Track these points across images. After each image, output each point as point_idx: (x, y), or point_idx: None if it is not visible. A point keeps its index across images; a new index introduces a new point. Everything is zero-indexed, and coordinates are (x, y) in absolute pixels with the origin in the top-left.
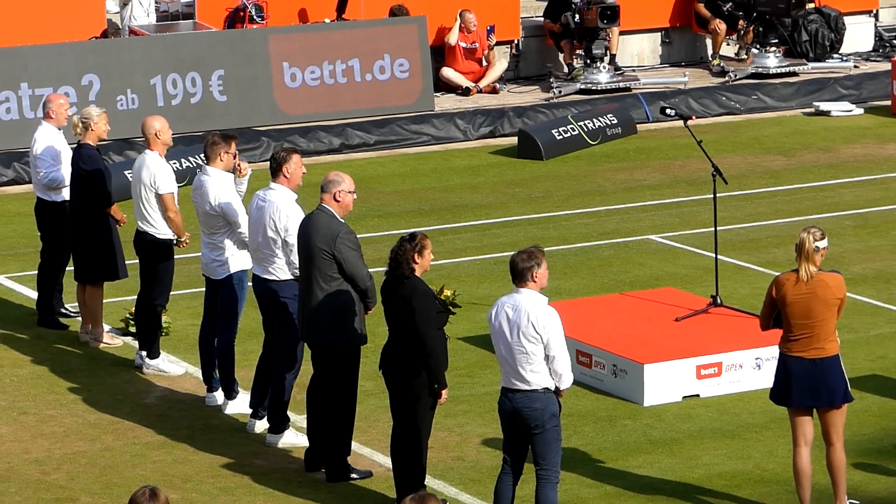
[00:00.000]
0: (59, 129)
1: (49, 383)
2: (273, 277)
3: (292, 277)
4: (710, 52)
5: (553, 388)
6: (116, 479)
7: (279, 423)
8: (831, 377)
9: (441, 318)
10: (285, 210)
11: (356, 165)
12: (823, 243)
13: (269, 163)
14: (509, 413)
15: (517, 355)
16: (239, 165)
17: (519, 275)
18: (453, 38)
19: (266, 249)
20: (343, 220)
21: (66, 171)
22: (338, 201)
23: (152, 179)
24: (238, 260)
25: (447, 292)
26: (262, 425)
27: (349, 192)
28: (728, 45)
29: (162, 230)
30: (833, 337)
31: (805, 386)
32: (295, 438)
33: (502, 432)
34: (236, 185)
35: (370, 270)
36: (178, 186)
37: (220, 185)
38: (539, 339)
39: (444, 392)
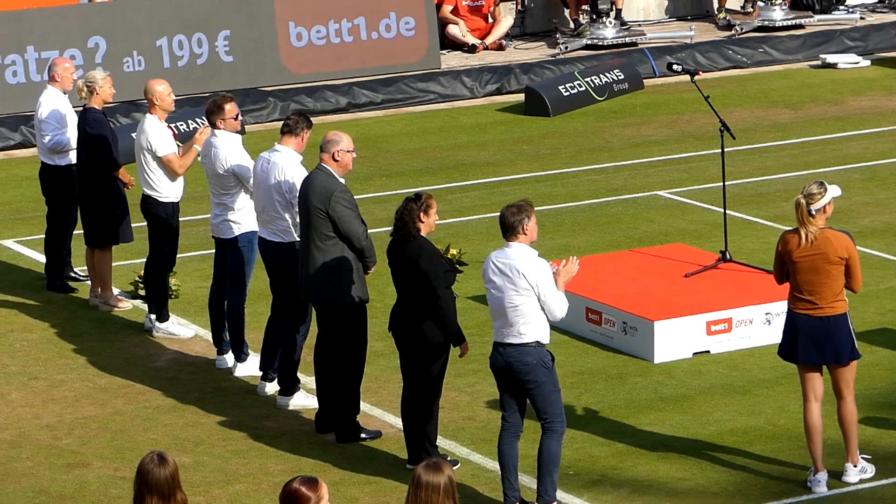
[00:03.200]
0: (65, 93)
1: (59, 348)
2: (279, 239)
3: (298, 239)
4: (715, 5)
5: (545, 342)
6: (128, 443)
7: (289, 385)
8: (837, 335)
9: (449, 276)
10: (290, 172)
11: (363, 124)
12: (822, 202)
13: (283, 121)
14: (501, 368)
15: (508, 309)
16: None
17: (509, 228)
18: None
19: (272, 211)
20: (342, 180)
21: (71, 135)
22: (336, 161)
23: (151, 144)
24: (247, 221)
25: (453, 251)
26: (272, 387)
27: (348, 152)
28: None
29: (165, 193)
30: (841, 296)
31: (811, 343)
32: (305, 400)
33: (497, 388)
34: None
35: (379, 230)
36: None
37: (230, 146)
38: (531, 290)
39: (464, 346)
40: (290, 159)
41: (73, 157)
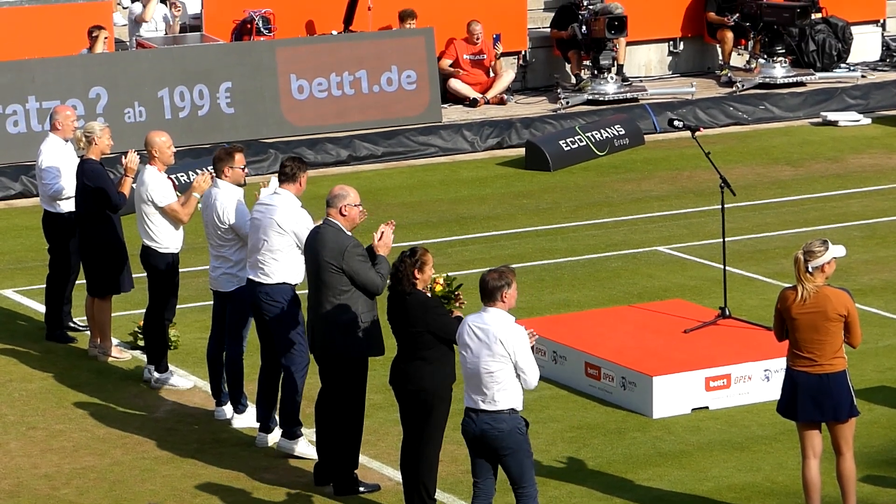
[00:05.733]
0: (66, 141)
1: (58, 398)
2: (269, 281)
3: (288, 282)
4: (719, 60)
5: (519, 409)
6: (126, 494)
7: (292, 428)
8: (837, 392)
9: (457, 321)
10: (292, 213)
11: (364, 177)
12: (820, 260)
13: (279, 169)
14: (475, 434)
15: (483, 375)
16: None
17: (489, 294)
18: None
19: (268, 253)
20: (350, 234)
21: (70, 183)
22: (344, 215)
23: (151, 195)
24: (246, 273)
25: (438, 287)
26: (271, 439)
27: (355, 206)
28: (739, 55)
29: (165, 244)
30: (840, 353)
31: (810, 400)
32: (307, 448)
33: (469, 455)
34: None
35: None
36: None
37: (229, 198)
38: (507, 357)
39: None
40: (291, 202)
41: (72, 204)
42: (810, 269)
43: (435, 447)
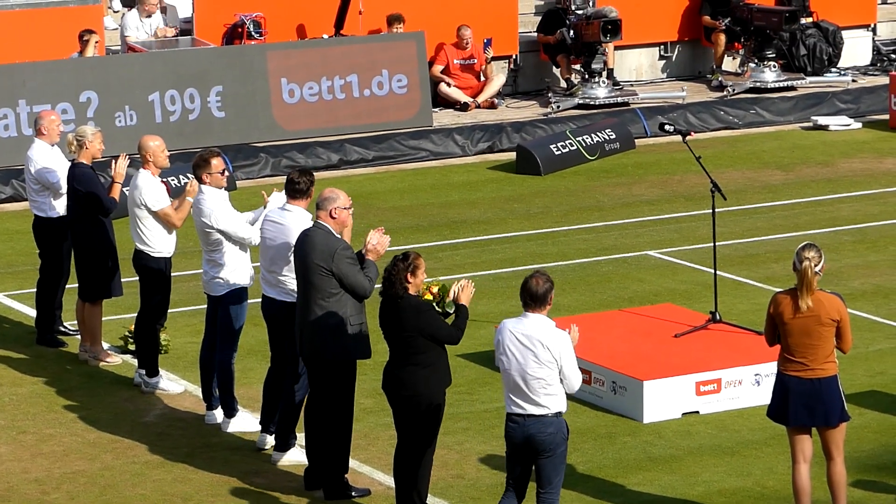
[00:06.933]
0: (53, 146)
1: (48, 402)
2: (289, 299)
3: None
4: (712, 64)
5: (564, 411)
6: (116, 498)
7: (285, 441)
8: (828, 397)
9: (454, 329)
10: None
11: (354, 181)
12: (821, 265)
13: (286, 183)
14: (522, 439)
15: (531, 381)
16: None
17: (539, 299)
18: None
19: (284, 271)
20: (340, 237)
21: (64, 184)
22: (334, 218)
23: (144, 199)
24: (237, 277)
25: (428, 295)
26: (272, 440)
27: (345, 209)
28: (733, 59)
29: (158, 248)
30: (831, 357)
31: (802, 405)
32: (300, 456)
33: (509, 459)
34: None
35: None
36: None
37: (214, 201)
38: (554, 363)
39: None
40: (302, 220)
41: (63, 209)
42: (820, 274)
43: (429, 452)
